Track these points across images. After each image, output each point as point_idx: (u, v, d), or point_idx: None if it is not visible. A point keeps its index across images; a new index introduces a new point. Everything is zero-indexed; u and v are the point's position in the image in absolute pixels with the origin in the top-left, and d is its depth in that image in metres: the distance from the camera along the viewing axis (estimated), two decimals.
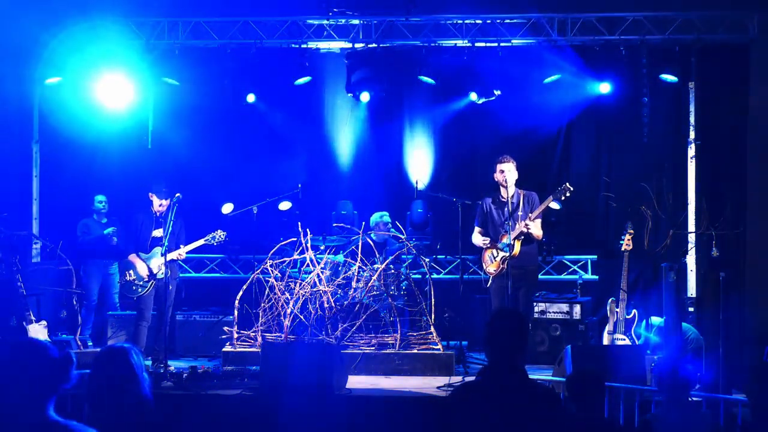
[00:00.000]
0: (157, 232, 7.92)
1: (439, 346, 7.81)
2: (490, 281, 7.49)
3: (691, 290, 8.82)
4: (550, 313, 8.83)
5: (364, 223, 8.84)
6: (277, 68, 9.45)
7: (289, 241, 8.18)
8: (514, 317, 3.43)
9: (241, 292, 8.09)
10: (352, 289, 8.01)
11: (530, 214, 7.26)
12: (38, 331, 7.72)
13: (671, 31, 8.96)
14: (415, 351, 7.76)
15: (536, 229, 7.31)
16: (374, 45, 9.27)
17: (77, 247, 9.15)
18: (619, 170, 9.81)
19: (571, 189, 7.22)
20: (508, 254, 7.17)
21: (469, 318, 9.01)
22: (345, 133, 10.26)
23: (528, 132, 9.92)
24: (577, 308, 8.81)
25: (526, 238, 7.31)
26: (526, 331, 3.48)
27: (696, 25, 8.87)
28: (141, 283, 7.93)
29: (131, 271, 7.97)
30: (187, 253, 8.07)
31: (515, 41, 9.17)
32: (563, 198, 7.25)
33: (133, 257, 7.98)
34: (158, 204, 7.94)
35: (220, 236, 8.00)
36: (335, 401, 6.27)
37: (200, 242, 8.01)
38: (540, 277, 9.45)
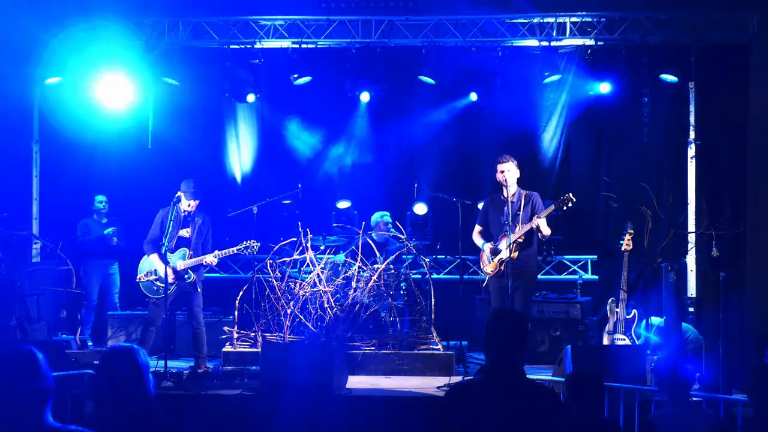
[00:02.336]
0: (184, 232, 7.68)
1: (439, 346, 7.81)
2: (486, 281, 7.48)
3: (691, 290, 8.82)
4: (550, 313, 8.84)
5: (364, 223, 8.84)
6: (277, 68, 9.44)
7: (289, 241, 8.17)
8: (514, 317, 3.43)
9: (241, 293, 8.08)
10: (352, 289, 8.01)
11: (537, 215, 7.19)
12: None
13: (671, 31, 8.95)
14: (415, 351, 7.76)
15: (545, 227, 7.25)
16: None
17: (77, 247, 9.15)
18: (619, 170, 9.81)
19: (574, 200, 7.14)
20: (506, 256, 7.14)
21: (469, 318, 9.01)
22: (345, 132, 10.26)
23: (528, 132, 9.93)
24: (577, 308, 8.81)
25: (526, 241, 7.27)
26: (525, 331, 3.48)
27: (696, 25, 8.86)
28: (163, 285, 7.54)
29: (153, 270, 7.67)
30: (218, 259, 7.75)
31: (515, 41, 9.16)
32: (565, 208, 7.19)
33: (154, 257, 7.66)
34: (187, 204, 7.66)
35: (253, 247, 7.64)
36: (335, 401, 6.27)
37: (233, 250, 7.67)
38: (540, 277, 9.45)
